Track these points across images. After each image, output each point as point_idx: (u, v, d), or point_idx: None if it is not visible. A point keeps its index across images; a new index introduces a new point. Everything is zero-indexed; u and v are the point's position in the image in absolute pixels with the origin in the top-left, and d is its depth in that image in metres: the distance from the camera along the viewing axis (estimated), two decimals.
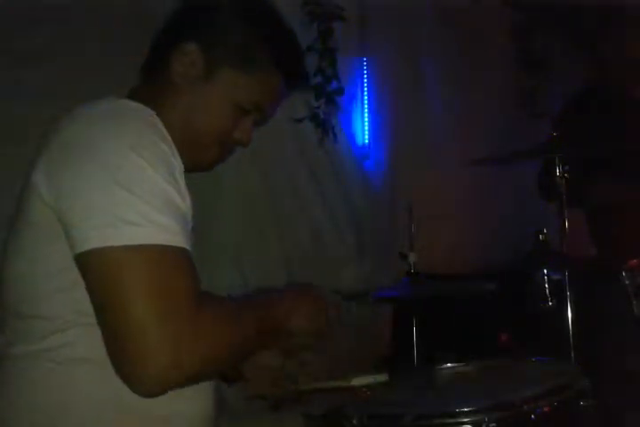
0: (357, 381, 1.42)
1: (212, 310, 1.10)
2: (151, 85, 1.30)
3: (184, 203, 1.10)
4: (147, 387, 1.03)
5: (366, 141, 3.35)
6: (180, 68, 1.26)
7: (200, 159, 1.31)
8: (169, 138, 1.13)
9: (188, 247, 1.08)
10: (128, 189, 1.03)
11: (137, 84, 1.33)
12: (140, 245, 1.02)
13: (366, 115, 3.35)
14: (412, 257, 2.32)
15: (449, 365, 1.81)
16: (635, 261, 2.18)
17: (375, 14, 3.34)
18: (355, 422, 1.46)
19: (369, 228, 3.26)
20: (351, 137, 3.23)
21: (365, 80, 3.33)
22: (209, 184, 2.67)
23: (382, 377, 1.43)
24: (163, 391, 1.04)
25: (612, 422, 2.30)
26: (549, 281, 2.21)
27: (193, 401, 1.17)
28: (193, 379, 1.08)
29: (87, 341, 1.09)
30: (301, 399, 1.47)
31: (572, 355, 2.12)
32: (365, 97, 3.34)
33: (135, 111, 1.14)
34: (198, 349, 1.04)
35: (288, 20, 1.40)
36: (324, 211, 3.12)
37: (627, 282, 2.17)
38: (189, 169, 1.26)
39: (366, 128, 3.35)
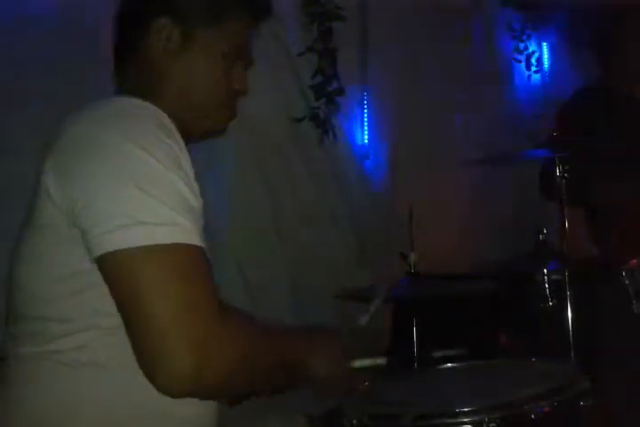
0: (357, 363, 1.42)
1: (237, 319, 1.11)
2: (138, 76, 1.28)
3: (196, 200, 1.10)
4: (169, 387, 1.02)
5: (366, 141, 3.35)
6: (159, 47, 1.26)
7: (215, 124, 1.34)
8: (176, 133, 1.13)
9: (203, 245, 1.07)
10: (142, 190, 1.03)
11: (120, 79, 1.31)
12: (157, 245, 1.01)
13: (366, 115, 3.35)
14: (412, 257, 2.32)
15: (449, 365, 1.81)
16: (635, 261, 2.19)
17: (375, 14, 3.34)
18: (355, 422, 1.46)
19: (369, 228, 3.26)
20: (351, 137, 3.23)
21: (365, 80, 3.33)
22: (209, 184, 2.67)
23: (381, 360, 1.43)
24: (189, 391, 1.03)
25: (612, 422, 2.30)
26: (549, 281, 2.21)
27: (199, 403, 1.16)
28: (213, 385, 1.05)
29: (99, 344, 1.09)
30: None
31: (572, 355, 2.12)
32: (365, 97, 3.34)
33: (142, 109, 1.13)
34: (220, 352, 1.03)
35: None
36: (324, 211, 3.12)
37: (627, 282, 2.17)
38: (206, 137, 1.32)
39: (366, 128, 3.35)
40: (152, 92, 1.22)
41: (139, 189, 1.03)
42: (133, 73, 1.29)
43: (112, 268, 1.03)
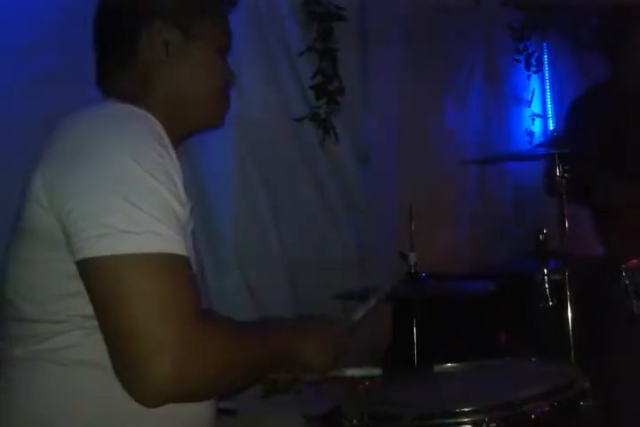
0: (351, 372, 1.43)
1: (216, 324, 1.11)
2: (129, 78, 1.26)
3: (183, 209, 1.10)
4: (148, 396, 1.02)
5: (367, 142, 3.34)
6: (156, 50, 1.25)
7: (215, 117, 1.35)
8: (168, 142, 1.13)
9: (186, 255, 1.07)
10: (127, 199, 1.03)
11: (107, 82, 1.30)
12: (141, 254, 1.02)
13: (367, 115, 3.34)
14: (412, 257, 2.31)
15: (448, 364, 1.81)
16: (635, 261, 2.18)
17: (375, 14, 3.33)
18: (355, 422, 1.46)
19: (369, 228, 3.26)
20: (351, 137, 3.23)
21: (365, 80, 3.32)
22: (210, 184, 2.67)
23: (376, 371, 1.44)
24: (164, 401, 1.04)
25: (612, 422, 2.30)
26: (549, 281, 2.21)
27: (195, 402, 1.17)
28: (194, 391, 1.07)
29: (92, 343, 1.08)
30: (293, 389, 1.46)
31: (572, 355, 2.12)
32: (366, 97, 3.34)
33: (134, 117, 1.13)
34: (200, 359, 1.03)
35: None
36: (324, 211, 3.12)
37: (627, 282, 2.17)
38: (206, 128, 1.34)
39: (367, 128, 3.34)
40: (145, 95, 1.22)
41: (123, 198, 1.03)
42: (123, 76, 1.27)
43: (93, 273, 1.04)
